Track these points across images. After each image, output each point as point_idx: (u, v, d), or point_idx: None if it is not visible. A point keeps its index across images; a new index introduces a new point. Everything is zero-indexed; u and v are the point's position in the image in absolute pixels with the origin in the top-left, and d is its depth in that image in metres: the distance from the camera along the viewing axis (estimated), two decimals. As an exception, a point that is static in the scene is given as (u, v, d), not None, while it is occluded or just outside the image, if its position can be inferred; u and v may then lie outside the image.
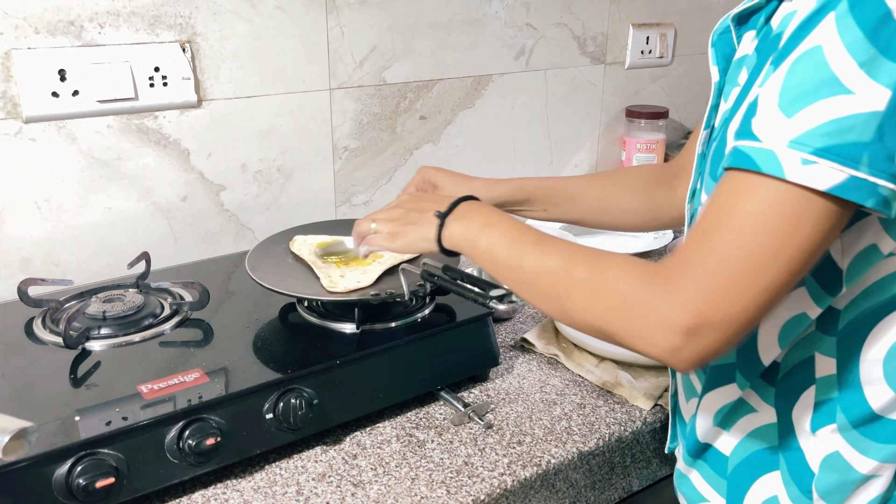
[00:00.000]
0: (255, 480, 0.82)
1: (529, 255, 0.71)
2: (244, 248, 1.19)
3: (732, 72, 0.75)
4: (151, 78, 1.09)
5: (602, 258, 0.66)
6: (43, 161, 1.05)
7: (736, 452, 0.76)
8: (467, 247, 0.77)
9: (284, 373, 0.83)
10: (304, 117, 1.25)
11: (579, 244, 0.71)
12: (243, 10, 1.14)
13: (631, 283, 0.61)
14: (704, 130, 0.79)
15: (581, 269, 0.66)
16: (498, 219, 0.77)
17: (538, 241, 0.72)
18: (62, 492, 0.70)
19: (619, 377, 1.00)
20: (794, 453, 0.71)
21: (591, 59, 1.59)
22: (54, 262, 1.09)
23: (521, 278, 0.71)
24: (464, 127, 1.44)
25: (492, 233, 0.75)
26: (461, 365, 0.97)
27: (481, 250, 0.75)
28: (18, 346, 0.89)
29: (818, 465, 0.70)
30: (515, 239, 0.73)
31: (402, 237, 0.82)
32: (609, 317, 0.62)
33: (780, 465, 0.72)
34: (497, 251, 0.74)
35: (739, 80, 0.72)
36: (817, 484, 0.70)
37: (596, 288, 0.64)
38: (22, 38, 0.99)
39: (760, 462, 0.74)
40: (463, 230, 0.77)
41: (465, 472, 0.83)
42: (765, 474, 0.73)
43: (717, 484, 0.78)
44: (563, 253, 0.69)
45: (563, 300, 0.67)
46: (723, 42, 0.78)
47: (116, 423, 0.73)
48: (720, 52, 0.78)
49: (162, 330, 0.91)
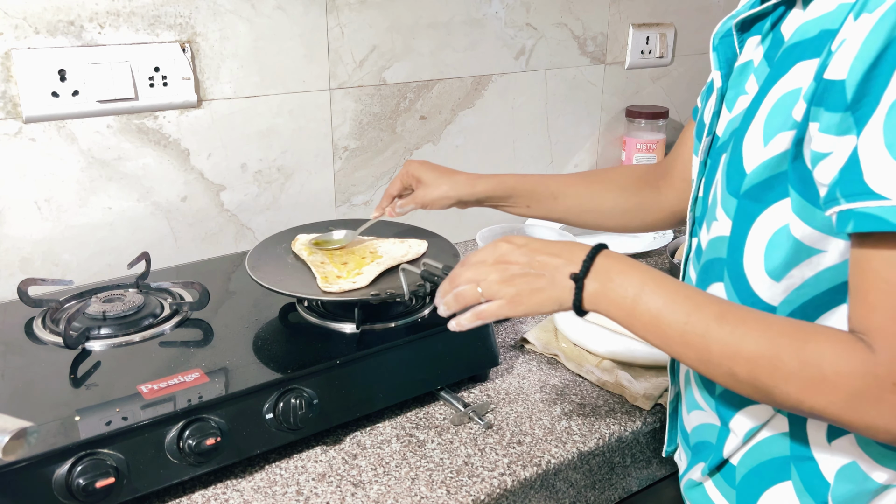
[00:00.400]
0: (255, 480, 0.82)
1: (714, 333, 0.62)
2: (244, 248, 1.19)
3: (736, 77, 0.74)
4: (151, 78, 1.09)
5: (809, 340, 0.60)
6: (43, 161, 1.05)
7: (744, 462, 0.74)
8: (621, 315, 0.67)
9: (284, 373, 0.83)
10: (304, 117, 1.25)
11: (769, 314, 0.64)
12: (243, 10, 1.14)
13: (854, 377, 0.57)
14: (707, 137, 0.77)
15: (789, 357, 0.59)
16: (653, 279, 0.66)
17: (720, 316, 0.63)
18: (62, 492, 0.70)
19: (619, 377, 1.00)
20: (807, 463, 0.70)
21: (591, 59, 1.59)
22: (54, 262, 1.09)
23: (707, 360, 0.63)
24: (464, 127, 1.44)
25: (653, 300, 0.65)
26: (461, 365, 0.97)
27: (642, 321, 0.66)
28: (18, 346, 0.89)
29: (833, 475, 0.68)
30: (689, 310, 0.64)
31: (525, 304, 0.69)
32: (833, 409, 0.59)
33: (793, 476, 0.71)
34: (666, 324, 0.65)
35: (747, 88, 0.71)
36: (833, 494, 0.68)
37: (813, 382, 0.59)
38: (22, 38, 0.99)
39: (770, 472, 0.72)
40: (614, 297, 0.67)
41: (465, 472, 0.83)
42: (775, 484, 0.72)
43: (727, 493, 0.77)
44: (760, 334, 0.61)
45: (771, 391, 0.61)
46: (724, 46, 0.76)
47: (116, 423, 0.73)
48: (722, 57, 0.76)
49: (162, 330, 0.91)
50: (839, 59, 0.57)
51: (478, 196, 0.98)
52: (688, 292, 0.66)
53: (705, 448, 0.79)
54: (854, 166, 0.56)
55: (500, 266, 0.71)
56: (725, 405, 0.75)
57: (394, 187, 1.02)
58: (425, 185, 0.98)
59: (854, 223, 0.57)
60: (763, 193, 0.66)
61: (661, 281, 0.66)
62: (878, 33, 0.55)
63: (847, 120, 0.57)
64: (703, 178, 0.78)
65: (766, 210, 0.66)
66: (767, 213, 0.66)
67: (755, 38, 0.72)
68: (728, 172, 0.69)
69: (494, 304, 0.70)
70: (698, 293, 0.66)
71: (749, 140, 0.67)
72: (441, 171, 0.99)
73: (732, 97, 0.73)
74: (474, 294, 0.71)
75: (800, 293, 0.67)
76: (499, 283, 0.70)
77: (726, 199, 0.70)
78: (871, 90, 0.55)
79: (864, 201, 0.56)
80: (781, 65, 0.65)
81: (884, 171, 0.55)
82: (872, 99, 0.55)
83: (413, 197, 0.99)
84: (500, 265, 0.71)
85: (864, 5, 0.57)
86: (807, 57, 0.62)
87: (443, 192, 0.98)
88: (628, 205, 0.99)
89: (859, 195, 0.56)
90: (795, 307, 0.67)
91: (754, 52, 0.72)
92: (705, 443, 0.79)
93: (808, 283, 0.66)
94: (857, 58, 0.56)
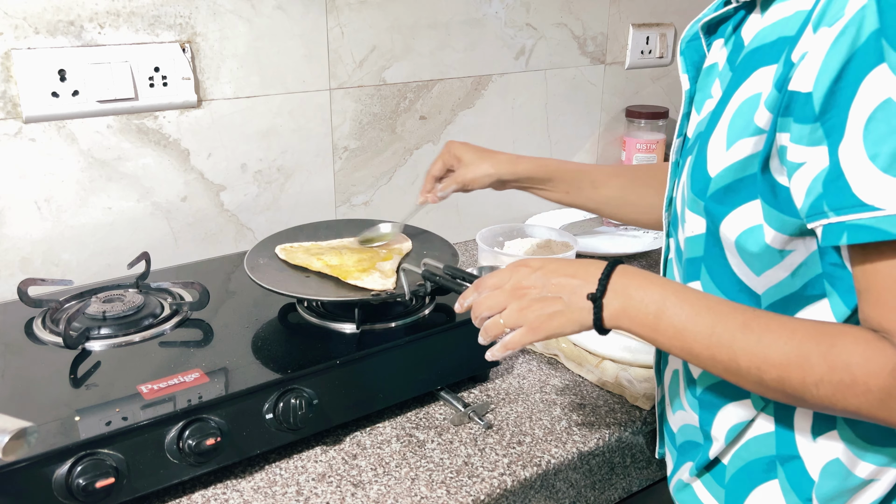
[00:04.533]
0: (255, 480, 0.82)
1: (741, 342, 0.62)
2: (244, 248, 1.19)
3: (703, 79, 0.75)
4: (151, 78, 1.09)
5: (835, 343, 0.60)
6: (43, 161, 1.05)
7: (733, 462, 0.75)
8: (644, 332, 0.67)
9: (284, 373, 0.83)
10: (304, 117, 1.25)
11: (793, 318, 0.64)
12: (243, 10, 1.14)
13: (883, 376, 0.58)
14: (677, 139, 0.78)
15: (817, 362, 0.60)
16: (673, 293, 0.66)
17: (745, 324, 0.63)
18: (62, 492, 0.70)
19: (619, 377, 1.00)
20: (793, 462, 0.71)
21: (591, 59, 1.59)
22: (54, 262, 1.09)
23: (735, 371, 0.63)
24: (464, 127, 1.44)
25: (676, 314, 0.65)
26: (461, 365, 0.97)
27: (667, 336, 0.66)
28: (18, 346, 0.89)
29: (818, 472, 0.69)
30: (713, 323, 0.64)
31: (546, 329, 0.69)
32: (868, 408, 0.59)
33: (779, 474, 0.72)
34: (692, 337, 0.64)
35: (713, 91, 0.72)
36: (817, 491, 0.69)
37: (844, 384, 0.59)
38: (22, 38, 0.99)
39: (758, 471, 0.73)
40: (636, 314, 0.66)
41: (465, 472, 0.83)
42: (762, 483, 0.73)
43: (716, 492, 0.78)
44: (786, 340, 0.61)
45: (802, 395, 0.61)
46: (692, 50, 0.78)
47: (116, 423, 0.73)
48: (689, 60, 0.78)
49: (162, 330, 0.91)
50: (803, 72, 0.59)
51: (518, 176, 0.98)
52: (710, 303, 0.66)
53: (691, 448, 0.80)
54: (839, 179, 0.57)
55: (518, 292, 0.71)
56: (705, 408, 0.76)
57: (436, 168, 1.02)
58: (466, 164, 0.98)
59: (848, 235, 0.58)
60: (727, 197, 0.67)
61: (681, 294, 0.66)
62: (839, 47, 0.57)
63: (817, 131, 0.58)
64: (676, 180, 0.79)
65: (732, 212, 0.67)
66: (735, 215, 0.67)
67: (720, 41, 0.74)
68: (693, 175, 0.70)
69: (518, 332, 0.70)
70: (721, 302, 0.66)
71: (713, 145, 0.68)
72: (482, 151, 0.99)
73: (700, 99, 0.75)
74: (499, 326, 0.72)
75: (778, 290, 0.68)
76: (518, 312, 0.70)
77: (693, 201, 0.71)
78: (837, 102, 0.57)
79: (857, 213, 0.57)
80: (742, 70, 0.67)
81: (872, 183, 0.56)
82: (840, 111, 0.57)
83: (454, 177, 0.99)
84: (517, 291, 0.71)
85: (822, 18, 0.58)
86: (766, 63, 0.64)
87: (483, 170, 0.98)
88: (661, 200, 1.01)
89: (850, 208, 0.57)
90: (776, 300, 0.68)
91: (719, 54, 0.73)
92: (691, 442, 0.80)
93: (784, 282, 0.67)
94: (821, 71, 0.57)
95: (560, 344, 1.09)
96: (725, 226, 0.68)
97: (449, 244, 1.07)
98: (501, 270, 0.74)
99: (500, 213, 1.52)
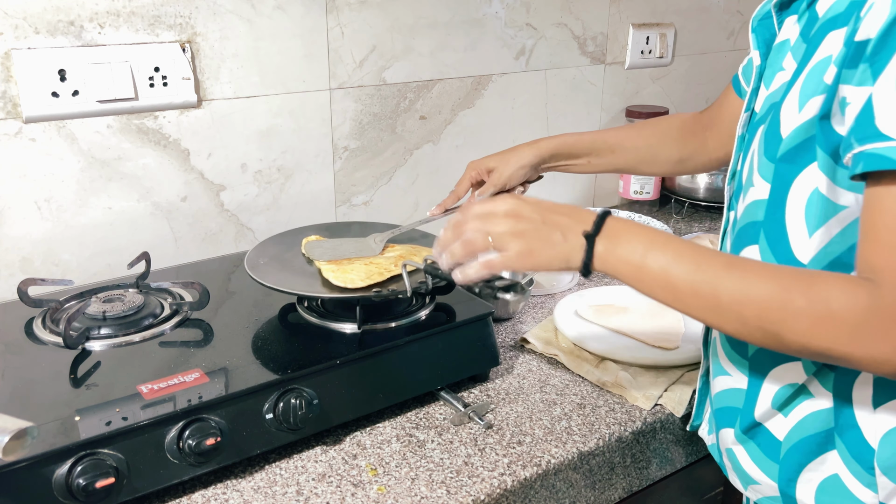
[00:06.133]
0: (255, 480, 0.82)
1: (724, 280, 0.64)
2: (244, 248, 1.19)
3: (774, 56, 0.78)
4: (151, 78, 1.09)
5: (816, 282, 0.62)
6: (43, 161, 1.05)
7: (790, 437, 0.76)
8: (630, 271, 0.68)
9: (284, 373, 0.83)
10: (304, 117, 1.25)
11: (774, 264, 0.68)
12: (243, 10, 1.14)
13: (858, 310, 0.60)
14: (745, 113, 0.81)
15: (798, 297, 0.62)
16: (661, 237, 0.69)
17: (728, 265, 0.65)
18: (62, 492, 0.70)
19: (619, 377, 1.00)
20: (852, 431, 0.72)
21: (591, 59, 1.59)
22: (54, 262, 1.09)
23: (716, 306, 0.65)
24: (464, 127, 1.44)
25: (662, 255, 0.67)
26: (461, 365, 0.97)
27: (652, 276, 0.67)
28: (18, 346, 0.89)
29: (878, 441, 0.70)
30: (698, 261, 0.66)
31: (536, 257, 0.69)
32: (839, 344, 0.61)
33: (838, 445, 0.73)
34: (676, 276, 0.66)
35: (785, 65, 0.74)
36: (879, 459, 0.70)
37: (821, 318, 0.61)
38: (22, 38, 0.99)
39: (814, 445, 0.74)
40: (623, 253, 0.68)
41: (465, 472, 0.83)
42: (820, 455, 0.74)
43: (767, 467, 0.78)
44: (769, 278, 0.64)
45: (779, 331, 0.63)
46: (763, 27, 0.80)
47: (116, 423, 0.73)
48: (760, 38, 0.80)
49: (162, 330, 0.91)
50: (868, 22, 0.61)
51: (543, 155, 1.03)
52: (694, 248, 0.68)
53: (731, 413, 0.81)
54: (867, 112, 0.60)
55: (512, 219, 0.70)
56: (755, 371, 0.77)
57: (462, 188, 1.06)
58: (496, 169, 1.03)
59: (864, 164, 0.60)
60: (798, 156, 0.69)
61: (668, 238, 0.69)
62: None
63: (866, 72, 0.61)
64: (740, 153, 0.81)
65: (802, 171, 0.69)
66: (804, 175, 0.69)
67: (793, 17, 0.76)
68: (766, 139, 0.72)
69: (504, 255, 0.69)
70: (705, 249, 0.68)
71: (786, 108, 0.70)
72: (502, 153, 1.05)
73: (770, 74, 0.77)
74: (485, 242, 0.70)
75: (828, 251, 0.69)
76: (510, 235, 0.69)
77: (764, 165, 0.73)
78: (887, 43, 0.59)
79: (874, 143, 0.59)
80: (816, 39, 0.69)
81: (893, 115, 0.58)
82: (888, 52, 0.59)
83: (490, 181, 1.03)
84: (511, 218, 0.70)
85: None
86: (837, 27, 0.66)
87: (514, 166, 1.02)
88: (680, 155, 1.06)
89: (870, 138, 0.59)
90: (825, 265, 0.69)
91: (791, 31, 0.76)
92: (732, 408, 0.81)
93: (835, 239, 0.68)
94: (880, 16, 0.60)
95: (560, 344, 1.09)
96: (796, 186, 0.69)
97: None
98: (490, 198, 0.73)
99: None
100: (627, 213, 1.59)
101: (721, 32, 1.82)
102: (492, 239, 0.70)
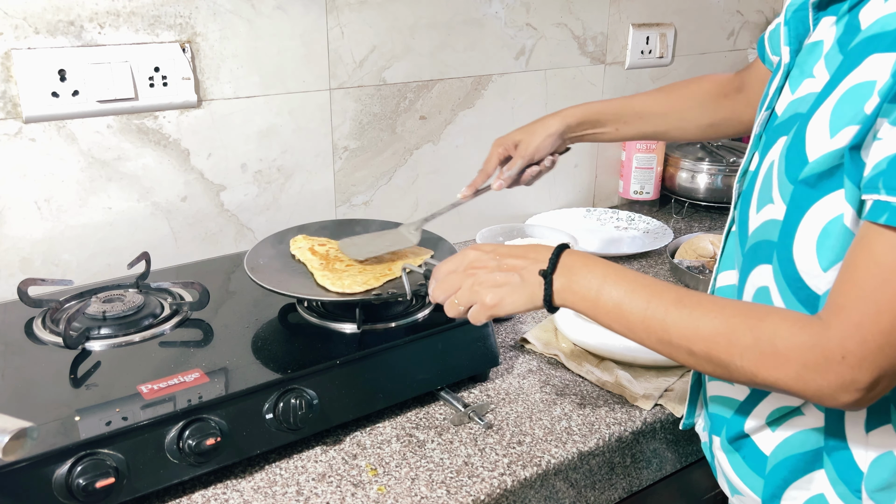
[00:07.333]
0: (255, 480, 0.82)
1: (673, 316, 0.66)
2: (244, 248, 1.19)
3: (804, 56, 0.73)
4: (151, 78, 1.09)
5: (762, 319, 0.63)
6: (43, 161, 1.05)
7: (776, 453, 0.75)
8: (586, 307, 0.71)
9: (284, 373, 0.83)
10: (304, 117, 1.25)
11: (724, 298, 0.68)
12: (243, 10, 1.14)
13: (804, 349, 0.61)
14: (766, 111, 0.77)
15: (743, 334, 0.63)
16: (614, 272, 0.71)
17: (678, 301, 0.67)
18: (62, 492, 0.70)
19: (619, 377, 1.00)
20: (842, 453, 0.71)
21: (591, 59, 1.59)
22: (54, 262, 1.09)
23: (666, 340, 0.67)
24: (464, 127, 1.44)
25: (615, 289, 0.69)
26: (461, 365, 0.97)
27: (606, 310, 0.70)
28: (18, 346, 0.89)
29: (868, 464, 0.69)
30: (649, 297, 0.68)
31: (505, 304, 0.74)
32: (785, 381, 0.62)
33: (825, 465, 0.72)
34: (628, 310, 0.68)
35: (815, 72, 0.70)
36: (867, 482, 0.69)
37: (766, 355, 0.62)
38: (22, 38, 0.99)
39: (801, 463, 0.73)
40: (579, 289, 0.71)
41: (465, 472, 0.83)
42: (806, 474, 0.73)
43: (752, 481, 0.77)
44: (716, 314, 0.65)
45: (727, 366, 0.65)
46: (797, 20, 0.75)
47: (116, 423, 0.73)
48: (793, 32, 0.75)
49: (162, 330, 0.91)
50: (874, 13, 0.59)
51: (570, 123, 1.03)
52: (646, 282, 0.70)
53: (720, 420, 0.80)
54: None
55: (470, 272, 0.76)
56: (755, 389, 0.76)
57: (490, 165, 1.05)
58: (523, 141, 1.02)
59: (888, 216, 0.58)
60: (820, 181, 0.66)
61: (621, 272, 0.71)
62: None
63: None
64: (755, 153, 0.77)
65: (821, 199, 0.66)
66: (823, 202, 0.66)
67: (830, 18, 0.71)
68: (788, 157, 0.69)
69: (474, 309, 0.75)
70: (657, 282, 0.70)
71: (814, 128, 0.66)
72: (527, 126, 1.04)
73: (797, 77, 0.73)
74: (454, 307, 0.76)
75: None
76: (470, 290, 0.75)
77: (783, 184, 0.69)
78: None
79: None
80: (855, 55, 0.64)
81: None
82: None
83: (518, 153, 1.03)
84: (470, 271, 0.76)
85: None
86: (883, 49, 0.61)
87: (541, 136, 1.02)
88: (710, 120, 1.04)
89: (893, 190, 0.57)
90: None
91: (827, 33, 0.71)
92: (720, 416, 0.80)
93: None
94: None
95: (560, 344, 1.09)
96: (812, 213, 0.66)
97: (449, 244, 1.07)
98: (454, 255, 0.78)
99: (500, 212, 1.52)
100: (627, 214, 1.59)
101: (721, 32, 1.82)
102: (457, 301, 0.75)
